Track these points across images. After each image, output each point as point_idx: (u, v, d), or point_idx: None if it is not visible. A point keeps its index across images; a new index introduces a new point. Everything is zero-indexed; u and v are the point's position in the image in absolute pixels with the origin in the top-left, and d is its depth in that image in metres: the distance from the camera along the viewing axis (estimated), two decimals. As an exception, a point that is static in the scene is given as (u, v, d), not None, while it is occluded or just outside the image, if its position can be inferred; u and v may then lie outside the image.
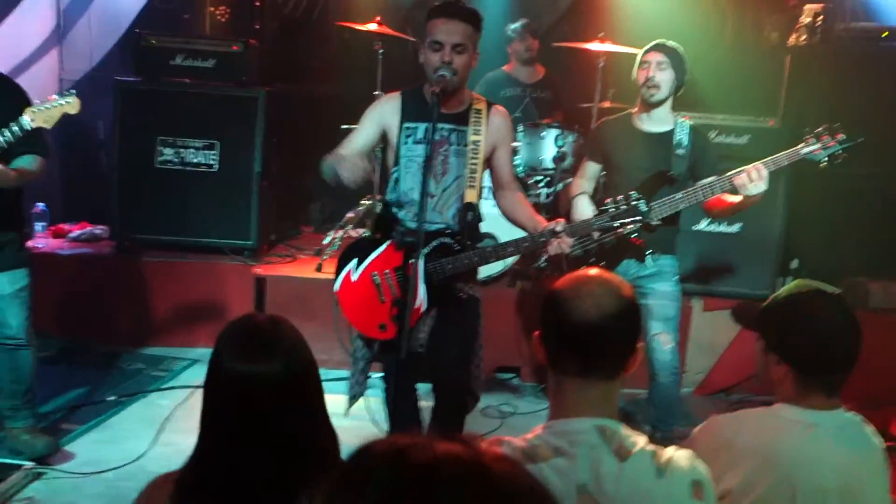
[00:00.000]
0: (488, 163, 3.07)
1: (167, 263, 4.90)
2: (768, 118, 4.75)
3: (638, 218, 2.79)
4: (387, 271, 2.96)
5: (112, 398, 4.11)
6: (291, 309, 4.65)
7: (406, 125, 2.99)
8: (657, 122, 3.49)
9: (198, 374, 4.46)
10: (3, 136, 2.98)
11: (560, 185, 5.06)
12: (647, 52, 3.42)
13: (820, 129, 3.14)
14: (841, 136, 3.11)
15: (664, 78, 3.38)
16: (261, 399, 1.53)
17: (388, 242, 2.96)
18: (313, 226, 6.17)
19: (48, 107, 3.03)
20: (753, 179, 3.10)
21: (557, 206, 5.08)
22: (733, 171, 3.17)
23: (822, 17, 5.01)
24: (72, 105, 3.07)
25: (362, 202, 5.28)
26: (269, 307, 4.75)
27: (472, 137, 2.96)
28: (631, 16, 5.75)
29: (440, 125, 2.92)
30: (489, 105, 3.05)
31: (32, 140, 3.13)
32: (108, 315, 4.84)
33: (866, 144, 3.22)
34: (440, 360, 3.01)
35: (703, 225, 4.57)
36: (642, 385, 3.55)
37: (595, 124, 3.67)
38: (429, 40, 2.87)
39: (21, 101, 3.13)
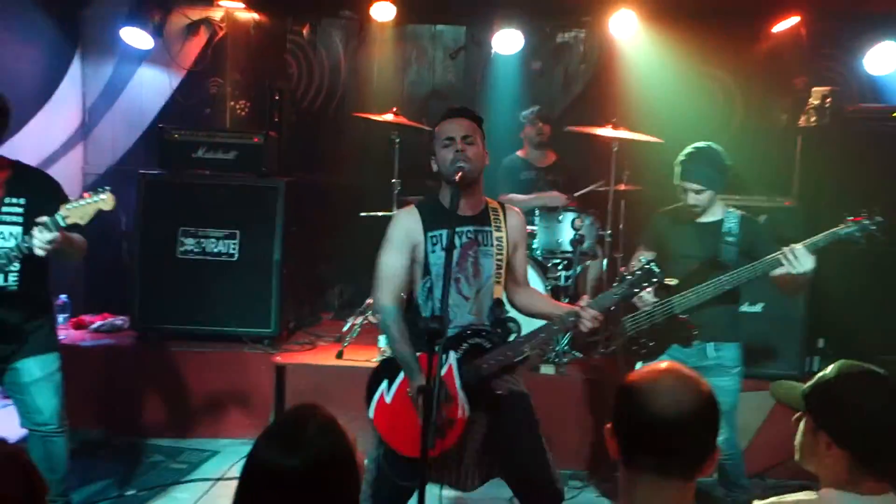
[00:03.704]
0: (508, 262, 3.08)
1: (187, 353, 4.89)
2: (784, 198, 4.79)
3: (654, 280, 2.86)
4: None
5: (131, 493, 4.04)
6: (312, 397, 4.59)
7: (430, 234, 3.00)
8: (707, 213, 3.59)
9: (218, 466, 4.38)
10: (41, 232, 2.95)
11: (579, 268, 5.09)
12: (681, 178, 3.51)
13: (861, 211, 3.23)
14: (878, 218, 3.20)
15: (703, 199, 3.51)
16: (283, 491, 1.51)
17: (417, 354, 2.87)
18: (332, 312, 6.17)
19: (83, 203, 3.02)
20: (790, 259, 3.17)
21: (577, 289, 5.09)
22: (771, 255, 3.26)
23: (830, 98, 5.11)
24: (106, 202, 3.06)
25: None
26: (290, 396, 4.71)
27: (496, 234, 3.02)
28: (641, 100, 5.87)
29: (464, 227, 2.98)
30: (502, 205, 3.13)
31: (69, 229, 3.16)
32: (127, 406, 4.80)
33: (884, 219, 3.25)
34: (514, 463, 2.93)
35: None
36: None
37: (653, 213, 3.82)
38: (439, 140, 2.97)
39: (57, 196, 3.18)
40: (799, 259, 3.16)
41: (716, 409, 1.60)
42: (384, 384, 2.95)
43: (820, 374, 1.94)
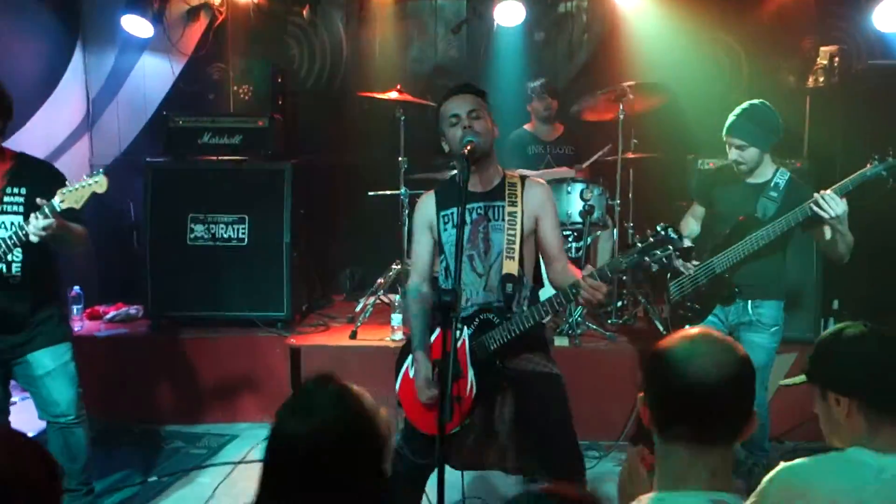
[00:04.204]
0: (535, 236, 3.03)
1: (202, 339, 4.92)
2: (795, 159, 4.74)
3: (668, 246, 2.62)
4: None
5: (153, 479, 4.08)
6: (327, 378, 4.62)
7: (442, 213, 3.03)
8: (757, 175, 3.57)
9: (238, 450, 4.42)
10: (36, 218, 2.96)
11: (589, 239, 5.06)
12: (726, 133, 3.52)
13: (889, 151, 3.26)
14: None
15: (747, 156, 3.49)
16: (300, 460, 1.52)
17: (438, 331, 2.89)
18: (344, 293, 6.19)
19: (77, 187, 3.04)
20: (821, 205, 3.17)
21: (589, 260, 5.07)
22: (802, 205, 3.27)
23: (838, 58, 5.04)
24: (99, 184, 3.06)
25: (392, 267, 5.31)
26: (305, 377, 4.72)
27: (508, 209, 2.96)
28: (647, 66, 5.80)
29: (474, 204, 2.96)
30: (524, 178, 3.06)
31: (70, 216, 3.15)
32: (145, 394, 4.85)
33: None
34: (539, 434, 2.91)
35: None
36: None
37: (694, 165, 3.91)
38: (445, 119, 2.95)
39: (58, 186, 3.17)
40: (829, 203, 3.16)
41: (752, 373, 1.58)
42: (409, 360, 2.98)
43: (816, 341, 1.99)
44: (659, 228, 2.65)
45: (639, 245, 2.65)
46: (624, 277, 5.12)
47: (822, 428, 1.94)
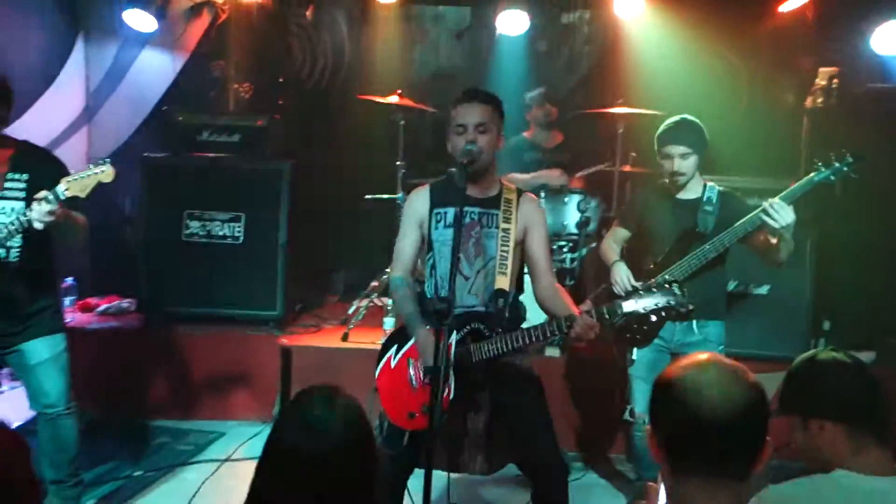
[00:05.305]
0: (522, 250, 3.05)
1: (193, 336, 4.91)
2: (789, 179, 4.75)
3: (670, 301, 2.75)
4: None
5: (138, 473, 4.07)
6: (317, 379, 4.57)
7: (436, 211, 3.02)
8: (688, 190, 3.56)
9: (224, 448, 4.41)
10: (39, 204, 2.94)
11: (584, 251, 5.07)
12: (666, 143, 3.49)
13: (831, 156, 3.27)
14: (848, 158, 3.24)
15: (688, 165, 3.47)
16: (306, 474, 1.52)
17: (426, 327, 2.89)
18: (338, 295, 6.18)
19: (82, 176, 3.04)
20: (770, 213, 3.14)
21: (583, 271, 5.09)
22: (751, 214, 3.27)
23: (836, 79, 5.08)
24: (106, 174, 3.07)
25: (386, 271, 5.30)
26: (296, 377, 4.73)
27: (502, 224, 2.98)
28: (647, 81, 5.83)
29: (470, 208, 2.96)
30: (520, 192, 3.07)
31: (72, 205, 3.14)
32: (134, 388, 4.84)
33: (891, 202, 3.27)
34: (520, 439, 2.91)
35: (730, 287, 4.51)
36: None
37: (631, 192, 3.76)
38: (453, 125, 2.94)
39: (59, 173, 3.16)
40: (779, 212, 3.12)
41: (765, 401, 1.51)
42: (393, 349, 2.98)
43: (789, 371, 2.01)
44: (663, 282, 2.77)
45: (641, 292, 2.76)
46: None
47: (804, 455, 1.94)
